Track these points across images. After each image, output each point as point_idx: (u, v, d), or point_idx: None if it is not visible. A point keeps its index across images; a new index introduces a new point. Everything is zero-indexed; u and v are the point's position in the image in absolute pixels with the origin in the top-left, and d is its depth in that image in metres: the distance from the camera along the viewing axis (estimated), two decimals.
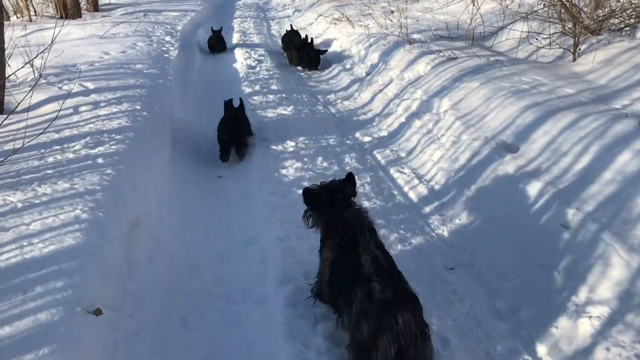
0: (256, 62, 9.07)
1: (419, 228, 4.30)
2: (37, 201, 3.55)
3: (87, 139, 4.68)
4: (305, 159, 5.37)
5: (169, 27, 10.74)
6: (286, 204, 4.46)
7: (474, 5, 8.87)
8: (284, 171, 5.12)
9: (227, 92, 7.47)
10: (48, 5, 12.82)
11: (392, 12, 11.38)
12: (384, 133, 6.29)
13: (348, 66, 9.08)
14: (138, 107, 5.56)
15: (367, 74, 8.32)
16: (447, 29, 9.48)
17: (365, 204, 4.62)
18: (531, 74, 6.58)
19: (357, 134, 6.30)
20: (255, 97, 7.26)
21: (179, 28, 10.76)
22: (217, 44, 10.51)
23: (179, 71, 8.02)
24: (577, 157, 4.52)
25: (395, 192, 4.94)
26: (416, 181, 5.11)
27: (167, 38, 9.58)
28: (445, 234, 4.29)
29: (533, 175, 4.47)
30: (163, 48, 8.78)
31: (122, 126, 5.02)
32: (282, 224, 4.11)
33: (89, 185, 3.78)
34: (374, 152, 5.79)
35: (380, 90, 7.43)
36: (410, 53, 7.92)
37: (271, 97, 7.22)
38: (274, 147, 5.74)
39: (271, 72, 8.38)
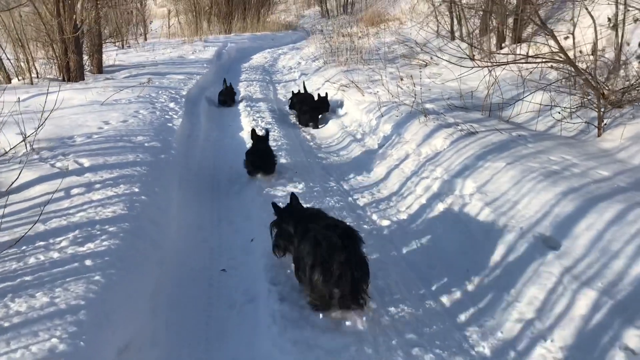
0: (263, 131, 8.54)
1: (456, 344, 3.64)
2: (6, 324, 2.91)
3: (77, 232, 4.07)
4: None
5: (173, 92, 10.30)
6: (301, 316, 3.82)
7: (490, 75, 8.42)
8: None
9: (234, 168, 6.92)
10: (52, 67, 12.45)
11: (402, 79, 10.98)
12: (403, 216, 5.69)
13: (359, 136, 8.57)
14: (136, 190, 4.97)
15: (380, 146, 7.80)
16: (460, 98, 9.04)
17: (393, 309, 3.98)
18: (559, 151, 6.06)
19: (375, 217, 5.71)
20: None
21: (184, 93, 10.32)
22: (228, 99, 11.17)
23: (183, 142, 7.49)
24: (632, 260, 3.91)
25: (425, 293, 4.30)
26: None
27: (171, 105, 9.11)
28: (487, 352, 3.62)
29: (583, 281, 3.85)
30: (167, 116, 8.29)
31: (117, 215, 4.42)
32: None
33: (72, 299, 3.15)
34: (396, 240, 5.18)
35: (396, 166, 6.88)
36: (425, 126, 7.42)
37: (281, 172, 6.64)
38: None
39: (279, 143, 7.85)
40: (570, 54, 7.62)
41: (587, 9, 7.95)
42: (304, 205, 4.55)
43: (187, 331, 3.75)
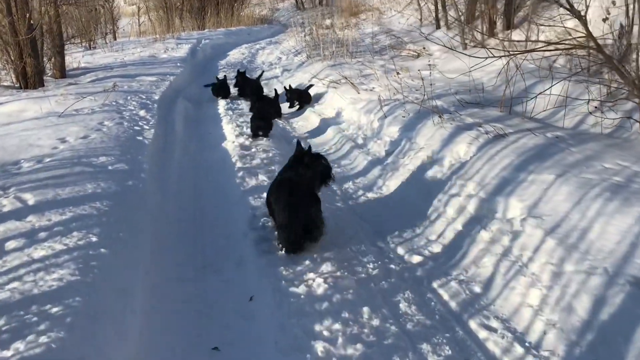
0: (250, 139, 7.21)
1: None
2: None
3: (1, 321, 2.72)
4: (345, 312, 3.46)
5: (144, 97, 8.88)
6: None
7: (507, 65, 7.18)
8: (318, 346, 3.17)
9: (217, 190, 5.61)
10: (8, 73, 10.89)
11: (398, 73, 9.71)
12: (436, 248, 4.43)
13: (360, 141, 7.28)
14: (94, 240, 3.63)
15: (388, 153, 6.53)
16: (469, 93, 7.80)
17: None
18: (610, 156, 4.88)
19: (400, 249, 4.45)
20: (256, 195, 5.35)
21: (156, 97, 8.91)
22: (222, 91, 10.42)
23: (156, 160, 6.12)
24: None
25: None
26: (519, 349, 3.23)
27: (142, 112, 7.71)
28: None
29: None
30: (136, 127, 6.90)
31: (65, 283, 3.09)
32: None
33: None
34: (434, 286, 3.92)
35: (413, 178, 5.61)
36: (442, 128, 6.17)
37: None
38: (289, 286, 3.81)
39: (270, 154, 6.54)
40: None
41: None
42: None
43: None
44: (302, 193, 4.25)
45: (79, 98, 8.19)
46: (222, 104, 9.78)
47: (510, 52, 7.02)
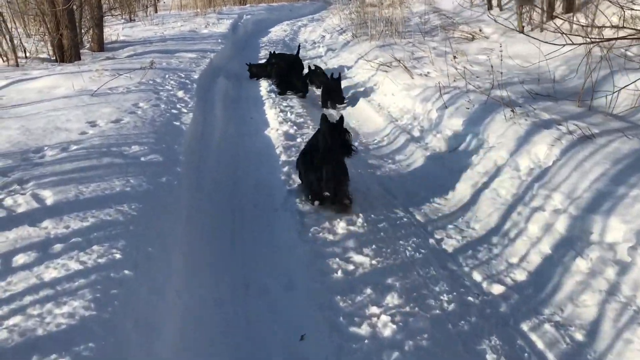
0: (294, 127, 6.47)
1: None
2: None
3: None
4: None
5: (183, 75, 8.19)
6: None
7: (590, 54, 6.23)
8: None
9: (260, 189, 4.90)
10: (45, 45, 10.34)
11: (455, 58, 8.79)
12: (519, 275, 3.64)
13: (416, 133, 6.46)
14: (117, 257, 2.96)
15: (451, 149, 5.70)
16: (538, 83, 6.88)
17: None
18: None
19: (476, 275, 3.67)
20: (304, 197, 4.62)
21: (195, 77, 8.21)
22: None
23: (193, 148, 5.45)
24: None
25: None
26: None
27: (180, 93, 7.02)
28: None
29: None
30: (174, 110, 6.22)
31: (77, 322, 2.43)
32: None
33: None
34: (524, 328, 3.15)
35: (485, 185, 4.80)
36: (516, 124, 5.31)
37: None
38: (348, 323, 3.07)
39: None
40: None
41: None
42: None
43: None
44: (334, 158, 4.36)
45: (114, 75, 7.54)
46: (264, 85, 9.04)
47: (593, 40, 6.07)
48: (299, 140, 5.99)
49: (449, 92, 6.79)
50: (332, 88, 7.97)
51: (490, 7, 15.35)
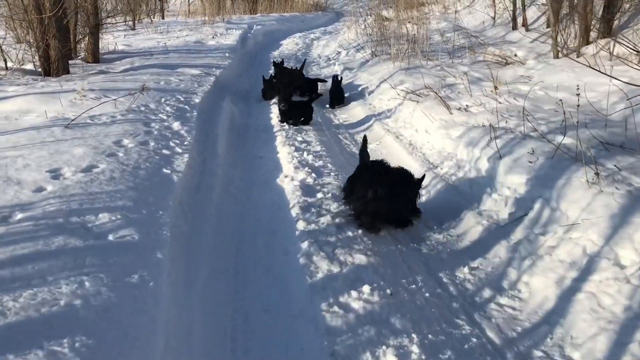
0: (313, 173, 5.09)
1: None
2: None
3: None
4: None
5: (182, 98, 6.83)
6: None
7: None
8: None
9: (271, 281, 3.51)
10: (32, 55, 8.98)
11: (497, 88, 7.42)
12: None
13: (465, 189, 5.07)
14: None
15: (514, 219, 4.32)
16: (604, 127, 5.51)
17: None
18: None
19: None
20: (333, 299, 3.22)
21: (197, 101, 6.86)
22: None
23: (185, 211, 4.05)
24: None
25: None
26: None
27: (176, 125, 5.66)
28: None
29: None
30: (165, 150, 4.86)
31: None
32: None
33: None
34: None
35: (576, 284, 3.43)
36: (605, 194, 3.95)
37: (361, 289, 3.22)
38: None
39: (346, 207, 4.37)
40: None
41: None
42: None
43: None
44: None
45: (99, 97, 6.17)
46: (275, 111, 7.65)
47: None
48: (319, 196, 4.60)
49: (499, 136, 5.41)
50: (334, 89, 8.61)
51: (515, 27, 14.01)
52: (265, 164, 5.63)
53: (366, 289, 3.25)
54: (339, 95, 8.67)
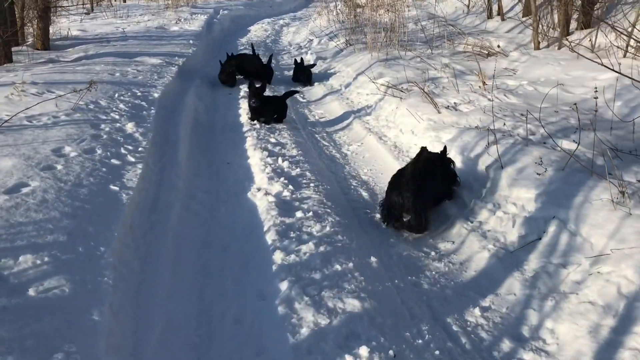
0: (290, 185, 4.32)
1: None
2: None
3: None
4: None
5: (139, 93, 5.94)
6: None
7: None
8: None
9: (242, 340, 2.72)
10: None
11: (484, 83, 6.75)
12: None
13: (464, 204, 4.37)
14: None
15: (525, 243, 3.63)
16: (609, 130, 4.89)
17: None
18: None
19: None
20: (315, 349, 2.51)
21: (156, 95, 5.98)
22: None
23: (136, 239, 3.24)
24: None
25: None
26: None
27: (130, 126, 4.80)
28: None
29: None
30: (115, 160, 4.01)
31: None
32: None
33: None
34: None
35: (616, 336, 2.76)
36: (634, 218, 3.27)
37: (358, 351, 2.53)
38: None
39: (333, 229, 3.62)
40: None
41: None
42: None
43: None
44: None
45: (42, 92, 5.24)
46: (244, 105, 6.81)
47: None
48: (298, 215, 3.83)
49: (498, 140, 4.73)
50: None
51: (490, 16, 13.41)
52: (234, 172, 4.82)
53: (364, 351, 2.51)
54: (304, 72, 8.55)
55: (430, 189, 4.03)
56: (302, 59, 8.84)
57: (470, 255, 3.73)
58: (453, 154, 4.92)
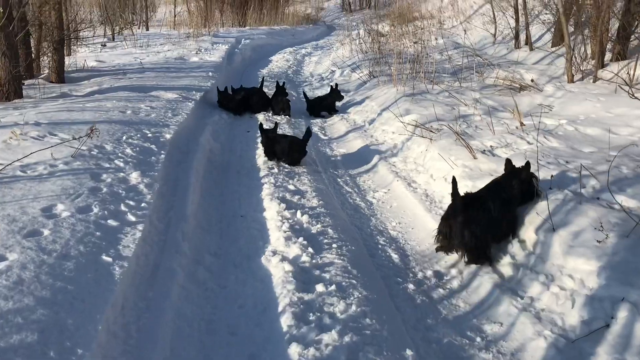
0: (310, 247, 3.74)
1: None
2: None
3: None
4: None
5: (149, 134, 5.46)
6: None
7: None
8: None
9: None
10: None
11: (523, 124, 6.13)
12: None
13: (507, 272, 3.73)
14: None
15: (591, 332, 2.97)
16: None
17: None
18: None
19: None
20: None
21: (167, 137, 5.48)
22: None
23: (126, 324, 2.69)
24: None
25: None
26: None
27: (134, 176, 4.28)
28: None
29: None
30: (112, 221, 3.47)
31: None
32: None
33: None
34: None
35: None
36: None
37: None
38: None
39: (360, 308, 3.00)
40: None
41: None
42: None
43: None
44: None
45: (44, 135, 4.76)
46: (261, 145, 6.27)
47: None
48: (319, 289, 3.23)
49: (547, 195, 4.08)
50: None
51: (517, 45, 12.82)
52: (248, 228, 4.24)
53: None
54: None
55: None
56: (336, 85, 8.49)
57: (523, 343, 3.08)
58: None
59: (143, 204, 3.87)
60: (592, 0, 8.61)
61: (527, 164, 4.10)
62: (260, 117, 7.75)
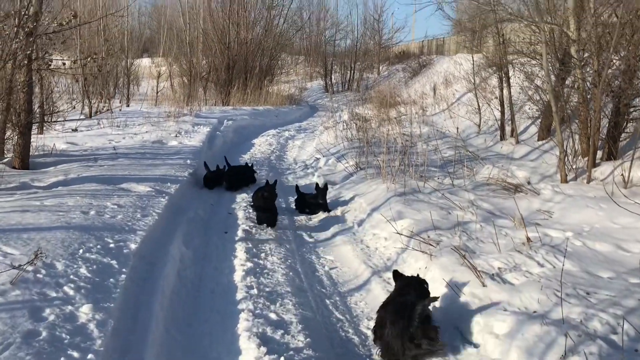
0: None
1: None
2: None
3: None
4: None
5: (111, 243, 4.68)
6: None
7: None
8: None
9: None
10: None
11: (530, 241, 5.52)
12: None
13: None
14: None
15: None
16: None
17: None
18: None
19: None
20: None
21: (132, 247, 4.70)
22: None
23: None
24: None
25: None
26: None
27: (84, 311, 3.49)
28: None
29: None
30: None
31: None
32: None
33: None
34: None
35: None
36: None
37: None
38: None
39: None
40: None
41: None
42: None
43: None
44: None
45: None
46: (240, 252, 5.52)
47: None
48: None
49: (577, 349, 3.37)
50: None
51: (503, 137, 12.60)
52: None
53: None
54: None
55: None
56: (326, 184, 7.87)
57: None
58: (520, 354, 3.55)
59: (89, 355, 3.03)
60: (582, 99, 8.35)
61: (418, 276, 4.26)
62: (241, 214, 7.03)
